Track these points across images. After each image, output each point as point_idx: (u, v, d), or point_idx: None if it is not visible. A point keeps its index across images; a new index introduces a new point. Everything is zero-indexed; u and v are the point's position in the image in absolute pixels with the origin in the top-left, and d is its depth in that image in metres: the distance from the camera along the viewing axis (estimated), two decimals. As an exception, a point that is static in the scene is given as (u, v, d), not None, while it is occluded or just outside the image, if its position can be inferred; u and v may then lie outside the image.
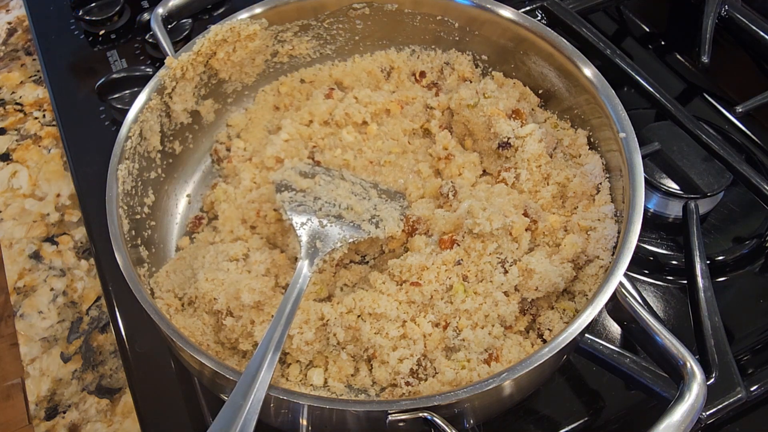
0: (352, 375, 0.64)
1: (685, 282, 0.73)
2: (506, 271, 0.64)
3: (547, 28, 0.75)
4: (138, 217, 0.70)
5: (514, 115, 0.75)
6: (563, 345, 0.53)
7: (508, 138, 0.73)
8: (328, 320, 0.63)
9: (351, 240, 0.66)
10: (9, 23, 1.15)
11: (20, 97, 1.03)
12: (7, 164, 0.94)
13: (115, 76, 0.93)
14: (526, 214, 0.67)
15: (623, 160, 0.64)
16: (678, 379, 0.53)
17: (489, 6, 0.77)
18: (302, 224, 0.66)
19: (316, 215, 0.67)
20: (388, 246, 0.72)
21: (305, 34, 0.83)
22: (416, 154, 0.80)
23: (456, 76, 0.84)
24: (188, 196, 0.81)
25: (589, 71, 0.70)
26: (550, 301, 0.66)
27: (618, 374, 0.62)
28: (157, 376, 0.70)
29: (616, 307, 0.59)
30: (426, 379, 0.61)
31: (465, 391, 0.51)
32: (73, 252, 0.84)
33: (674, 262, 0.78)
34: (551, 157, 0.74)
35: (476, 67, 0.84)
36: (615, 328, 0.73)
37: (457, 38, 0.83)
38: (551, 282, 0.63)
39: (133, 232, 0.68)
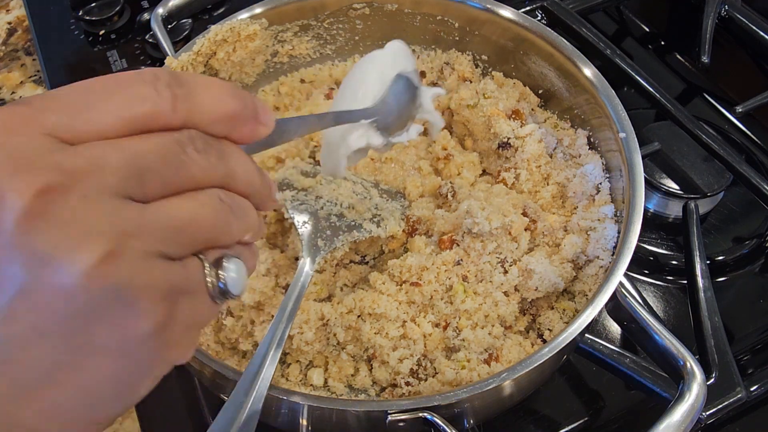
0: (352, 375, 0.64)
1: (685, 282, 0.73)
2: (506, 271, 0.64)
3: (547, 28, 0.75)
4: (138, 217, 0.70)
5: (514, 116, 0.75)
6: (563, 345, 0.53)
7: (508, 138, 0.73)
8: (328, 320, 0.63)
9: (353, 239, 0.66)
10: (9, 23, 1.15)
11: (20, 97, 1.03)
12: (7, 164, 0.94)
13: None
14: (525, 214, 0.67)
15: (623, 160, 0.64)
16: (678, 379, 0.53)
17: (489, 6, 0.77)
18: (304, 223, 0.66)
19: (317, 214, 0.67)
20: (388, 246, 0.72)
21: (305, 34, 0.83)
22: (418, 150, 0.80)
23: (456, 76, 0.84)
24: (188, 196, 0.81)
25: (589, 71, 0.70)
26: (550, 301, 0.66)
27: (618, 374, 0.62)
28: (157, 376, 0.70)
29: (616, 307, 0.59)
30: (426, 379, 0.61)
31: (465, 391, 0.51)
32: (73, 252, 0.84)
33: (674, 262, 0.78)
34: (551, 157, 0.74)
35: (476, 67, 0.84)
36: (615, 328, 0.73)
37: (457, 38, 0.83)
38: (551, 282, 0.63)
39: (133, 232, 0.68)
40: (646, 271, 0.78)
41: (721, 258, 0.78)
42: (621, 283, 0.57)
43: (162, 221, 0.32)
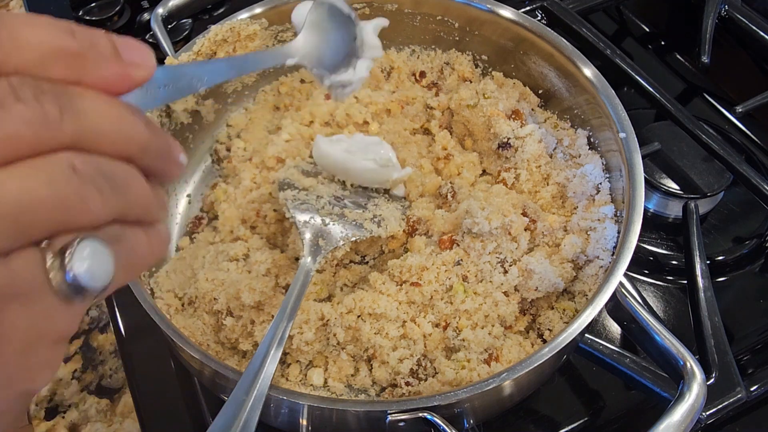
0: (352, 375, 0.64)
1: (685, 282, 0.73)
2: (506, 271, 0.64)
3: (547, 28, 0.75)
4: (138, 217, 0.70)
5: (513, 116, 0.75)
6: (563, 345, 0.53)
7: (508, 138, 0.73)
8: (328, 320, 0.63)
9: (353, 238, 0.66)
10: (9, 23, 1.15)
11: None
12: (7, 164, 0.94)
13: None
14: (524, 214, 0.67)
15: (623, 160, 0.64)
16: (678, 379, 0.53)
17: (489, 6, 0.77)
18: (305, 222, 0.66)
19: (318, 213, 0.67)
20: (388, 246, 0.72)
21: (305, 34, 0.83)
22: (419, 147, 0.80)
23: (456, 76, 0.84)
24: (188, 196, 0.81)
25: (589, 71, 0.70)
26: (550, 301, 0.66)
27: (618, 374, 0.62)
28: (157, 376, 0.70)
29: (616, 307, 0.59)
30: (426, 379, 0.61)
31: (465, 391, 0.51)
32: (73, 252, 0.84)
33: (674, 262, 0.78)
34: (551, 157, 0.74)
35: (476, 67, 0.84)
36: (615, 328, 0.73)
37: (457, 38, 0.83)
38: (551, 282, 0.63)
39: (133, 232, 0.68)
40: (646, 271, 0.78)
41: (721, 258, 0.78)
42: (621, 283, 0.57)
43: None
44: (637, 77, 0.89)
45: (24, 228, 0.25)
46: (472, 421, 0.59)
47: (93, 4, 1.05)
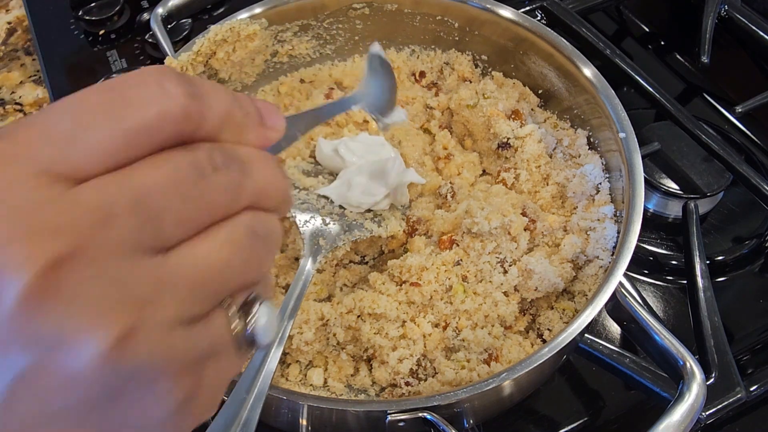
0: (351, 375, 0.64)
1: (685, 282, 0.73)
2: (505, 271, 0.64)
3: (547, 28, 0.75)
4: (138, 217, 0.70)
5: (513, 116, 0.75)
6: (563, 345, 0.53)
7: (508, 138, 0.73)
8: (327, 320, 0.63)
9: (354, 238, 0.67)
10: (9, 23, 1.15)
11: (20, 97, 1.03)
12: (7, 164, 0.94)
13: (115, 76, 0.93)
14: (524, 214, 0.67)
15: (623, 160, 0.64)
16: (678, 379, 0.53)
17: (489, 6, 0.77)
18: (305, 222, 0.66)
19: (318, 213, 0.68)
20: (388, 246, 0.72)
21: (305, 34, 0.83)
22: (423, 142, 0.80)
23: (456, 76, 0.84)
24: (189, 196, 0.81)
25: (589, 71, 0.70)
26: (550, 301, 0.66)
27: (618, 374, 0.62)
28: (157, 376, 0.70)
29: (616, 307, 0.59)
30: (426, 379, 0.61)
31: (465, 391, 0.51)
32: (73, 252, 0.84)
33: (674, 262, 0.78)
34: (551, 157, 0.74)
35: (476, 67, 0.84)
36: (615, 328, 0.73)
37: (457, 38, 0.83)
38: (551, 282, 0.63)
39: (133, 232, 0.68)
40: (646, 271, 0.78)
41: (720, 258, 0.78)
42: (621, 283, 0.57)
43: (184, 276, 0.27)
44: (637, 77, 0.89)
45: (219, 292, 0.28)
46: (472, 421, 0.59)
47: (93, 4, 1.05)
